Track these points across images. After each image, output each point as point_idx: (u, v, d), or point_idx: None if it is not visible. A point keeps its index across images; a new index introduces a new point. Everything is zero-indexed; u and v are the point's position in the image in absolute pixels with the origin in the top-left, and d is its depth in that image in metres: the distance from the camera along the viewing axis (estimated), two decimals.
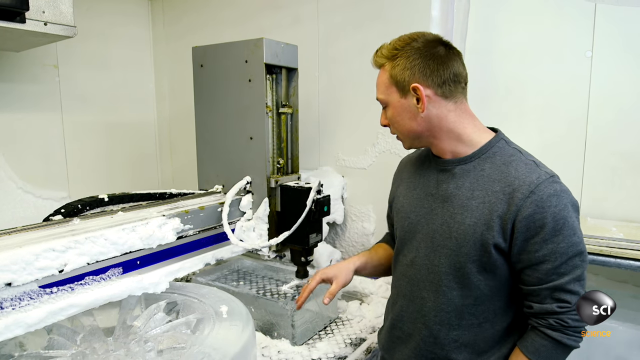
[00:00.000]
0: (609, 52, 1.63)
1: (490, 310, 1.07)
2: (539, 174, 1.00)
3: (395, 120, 1.13)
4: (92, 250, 1.11)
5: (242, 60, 1.55)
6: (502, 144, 1.08)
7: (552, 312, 0.99)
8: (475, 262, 1.04)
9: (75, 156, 2.31)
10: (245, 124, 1.59)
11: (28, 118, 2.11)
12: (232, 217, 1.55)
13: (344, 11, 2.02)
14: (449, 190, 1.10)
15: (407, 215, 1.19)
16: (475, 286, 1.05)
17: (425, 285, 1.13)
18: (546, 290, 0.99)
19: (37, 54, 2.09)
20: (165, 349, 1.14)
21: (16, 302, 0.97)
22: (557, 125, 1.75)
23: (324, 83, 2.12)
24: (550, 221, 0.96)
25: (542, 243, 0.97)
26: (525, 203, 0.97)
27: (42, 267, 1.01)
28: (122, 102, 2.54)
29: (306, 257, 1.58)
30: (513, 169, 1.03)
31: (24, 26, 1.45)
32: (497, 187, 1.02)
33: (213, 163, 1.69)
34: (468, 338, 1.08)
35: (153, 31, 2.71)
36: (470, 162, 1.08)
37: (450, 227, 1.07)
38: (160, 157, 2.81)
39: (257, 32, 1.58)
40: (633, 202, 1.63)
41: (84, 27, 1.76)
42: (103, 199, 1.48)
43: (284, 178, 1.62)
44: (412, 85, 1.05)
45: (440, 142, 1.11)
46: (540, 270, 0.99)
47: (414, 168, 1.25)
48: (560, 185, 1.00)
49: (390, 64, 1.08)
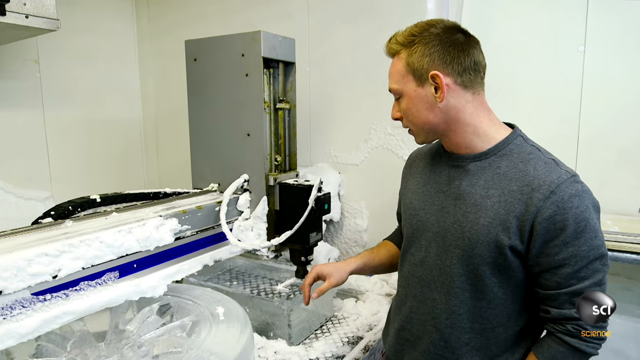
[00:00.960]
0: (601, 47, 1.64)
1: (504, 314, 1.03)
2: (560, 173, 0.95)
3: (410, 112, 1.05)
4: (87, 253, 1.05)
5: (239, 54, 1.51)
6: (520, 141, 1.04)
7: (571, 318, 0.95)
8: (489, 264, 0.99)
9: (57, 155, 2.23)
10: (242, 120, 1.55)
11: (8, 115, 2.03)
12: (230, 217, 1.51)
13: (335, 4, 1.99)
14: (461, 187, 1.04)
15: (415, 212, 1.14)
16: (489, 288, 1.01)
17: (436, 287, 1.08)
18: (565, 295, 0.95)
19: (17, 49, 2.01)
20: (161, 353, 1.10)
21: (7, 311, 0.91)
22: (550, 119, 1.76)
23: (316, 78, 2.09)
24: (571, 223, 0.91)
25: (562, 246, 0.93)
26: (546, 204, 0.92)
27: (34, 273, 0.95)
28: (105, 98, 2.47)
29: (306, 257, 1.55)
30: (532, 167, 0.97)
31: (4, 19, 1.38)
32: (515, 187, 0.97)
33: (208, 161, 1.65)
34: (480, 342, 1.04)
35: (137, 26, 2.63)
36: (486, 158, 1.03)
37: (462, 227, 1.02)
38: (146, 155, 2.74)
39: (245, 27, 1.54)
40: (627, 196, 1.64)
41: (66, 21, 1.69)
42: (95, 200, 1.42)
43: (283, 176, 1.59)
44: (431, 73, 0.99)
45: (456, 136, 1.05)
46: (560, 274, 0.94)
47: (423, 163, 1.20)
48: (582, 185, 0.95)
49: (406, 51, 1.01)
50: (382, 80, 1.89)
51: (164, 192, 1.61)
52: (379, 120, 1.94)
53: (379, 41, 1.84)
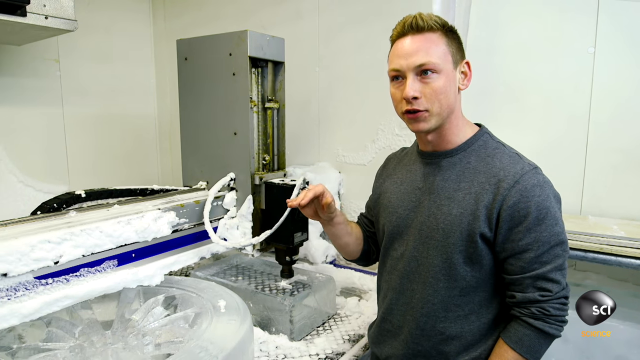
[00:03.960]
0: (611, 48, 1.62)
1: (476, 302, 1.08)
2: (523, 165, 1.03)
3: (445, 91, 1.03)
4: (87, 242, 1.12)
5: (227, 53, 1.52)
6: (487, 137, 1.11)
7: (535, 301, 1.00)
8: (461, 253, 1.05)
9: (75, 150, 2.31)
10: (230, 119, 1.56)
11: (29, 112, 2.12)
12: (217, 215, 1.53)
13: (345, 6, 2.01)
14: (435, 182, 1.11)
15: (395, 210, 1.18)
16: (461, 277, 1.06)
17: (414, 278, 1.13)
18: (529, 279, 1.01)
19: (38, 48, 2.09)
20: (163, 342, 1.15)
21: (11, 293, 0.98)
22: (558, 122, 1.74)
23: (325, 78, 2.12)
24: (533, 210, 0.98)
25: (525, 232, 0.99)
26: (511, 192, 0.99)
27: (37, 258, 1.02)
28: (122, 96, 2.54)
29: (291, 257, 1.55)
30: (498, 160, 1.05)
31: (25, 20, 1.45)
32: (483, 178, 1.04)
33: (197, 159, 1.66)
34: (455, 330, 1.09)
35: (154, 26, 2.71)
36: (457, 154, 1.10)
37: (437, 218, 1.08)
38: (161, 151, 2.81)
39: (257, 28, 1.57)
40: (634, 201, 1.62)
41: (85, 21, 1.76)
42: (80, 195, 1.45)
43: (269, 175, 1.59)
44: (465, 61, 1.07)
45: (447, 129, 1.09)
46: (523, 258, 1.00)
47: (400, 165, 1.26)
48: (543, 177, 1.02)
49: (443, 33, 1.04)
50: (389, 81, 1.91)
51: (152, 189, 1.62)
52: (387, 121, 1.95)
53: (386, 41, 1.86)
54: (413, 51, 1.02)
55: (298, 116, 2.19)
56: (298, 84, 2.14)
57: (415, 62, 1.01)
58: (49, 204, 1.40)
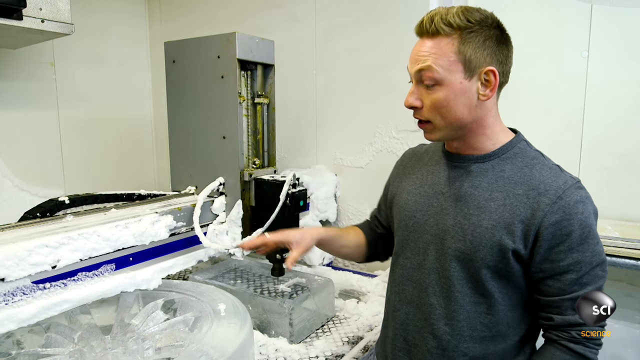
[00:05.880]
0: (605, 52, 1.64)
1: (504, 322, 0.99)
2: (565, 179, 0.94)
3: (447, 104, 0.94)
4: (84, 246, 1.12)
5: (215, 55, 1.50)
6: (524, 145, 1.02)
7: (575, 324, 0.93)
8: (490, 268, 0.96)
9: (71, 154, 2.30)
10: (218, 123, 1.53)
11: (24, 116, 2.11)
12: (207, 220, 1.51)
13: (341, 10, 2.02)
14: (462, 188, 1.00)
15: (412, 214, 1.08)
16: (490, 294, 0.97)
17: (434, 291, 1.03)
18: (568, 302, 0.93)
19: (33, 52, 2.08)
20: (163, 346, 1.14)
21: (9, 298, 0.98)
22: (553, 125, 1.76)
23: (322, 82, 2.13)
24: (577, 229, 0.90)
25: (567, 252, 0.91)
26: (553, 209, 0.90)
27: (35, 262, 1.01)
28: (118, 99, 2.54)
29: (281, 255, 1.56)
30: (537, 172, 0.96)
31: (21, 23, 1.44)
32: (520, 190, 0.95)
33: (186, 163, 1.63)
34: (478, 351, 1.00)
35: (150, 29, 2.70)
36: (489, 160, 1.00)
37: (464, 229, 0.98)
38: (157, 154, 2.80)
39: (254, 31, 1.57)
40: (628, 202, 1.64)
41: (81, 25, 1.75)
42: (64, 202, 1.42)
43: (259, 171, 1.56)
44: (487, 68, 0.92)
45: (472, 137, 1.00)
46: (563, 280, 0.92)
47: (420, 163, 1.15)
48: (585, 192, 0.94)
49: (459, 36, 0.91)
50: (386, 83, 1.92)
51: (139, 194, 1.59)
52: (384, 123, 1.96)
53: (383, 45, 1.86)
54: (418, 57, 0.95)
55: (295, 119, 2.20)
56: (295, 87, 2.15)
57: (415, 70, 0.96)
58: (31, 214, 1.36)
